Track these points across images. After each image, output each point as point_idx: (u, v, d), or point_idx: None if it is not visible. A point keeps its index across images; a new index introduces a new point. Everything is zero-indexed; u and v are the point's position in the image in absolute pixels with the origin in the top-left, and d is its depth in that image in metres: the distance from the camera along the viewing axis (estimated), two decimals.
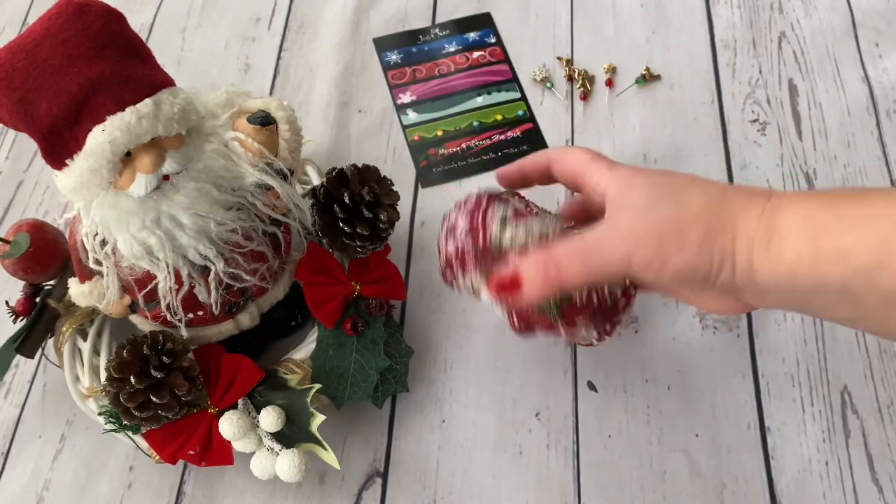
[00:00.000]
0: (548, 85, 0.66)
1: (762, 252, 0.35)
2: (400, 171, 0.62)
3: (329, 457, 0.44)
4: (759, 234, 0.35)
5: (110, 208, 0.40)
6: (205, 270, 0.43)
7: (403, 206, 0.58)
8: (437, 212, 0.60)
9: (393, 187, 0.49)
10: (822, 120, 0.63)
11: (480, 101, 0.66)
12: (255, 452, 0.45)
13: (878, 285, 0.33)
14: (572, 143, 0.63)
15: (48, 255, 0.49)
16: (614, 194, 0.38)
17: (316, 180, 0.56)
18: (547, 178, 0.44)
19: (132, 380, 0.42)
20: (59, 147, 0.38)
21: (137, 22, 0.72)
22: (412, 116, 0.65)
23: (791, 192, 0.36)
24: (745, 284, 0.36)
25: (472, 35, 0.70)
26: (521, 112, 0.65)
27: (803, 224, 0.34)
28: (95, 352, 0.49)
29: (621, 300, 0.43)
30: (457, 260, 0.42)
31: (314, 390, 0.45)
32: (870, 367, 0.52)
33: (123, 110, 0.37)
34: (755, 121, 0.63)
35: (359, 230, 0.47)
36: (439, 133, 0.64)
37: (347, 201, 0.47)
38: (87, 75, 0.37)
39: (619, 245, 0.36)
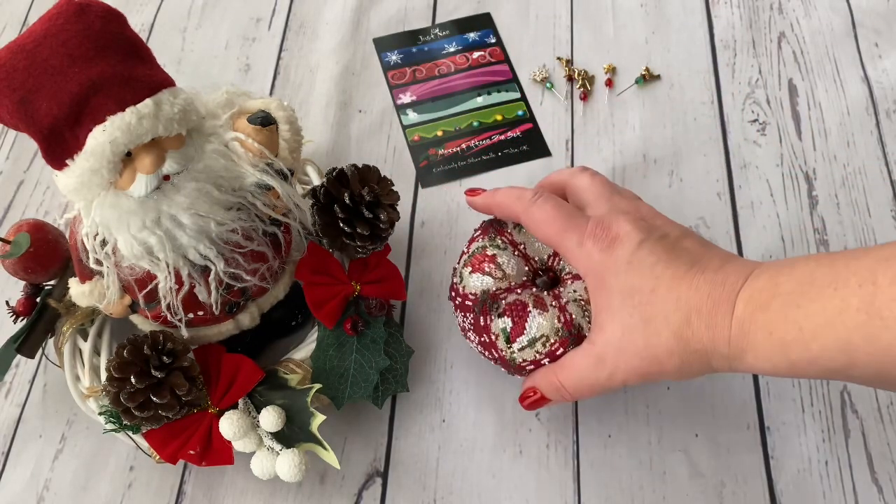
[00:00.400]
0: (548, 85, 0.66)
1: (739, 363, 0.39)
2: (400, 171, 0.62)
3: (329, 456, 0.45)
4: (732, 354, 0.38)
5: (110, 208, 0.40)
6: (205, 270, 0.43)
7: (403, 206, 0.58)
8: (437, 212, 0.60)
9: (393, 187, 0.49)
10: (822, 120, 0.63)
11: (480, 101, 0.66)
12: (255, 452, 0.45)
13: (856, 377, 0.36)
14: (571, 144, 0.63)
15: (48, 255, 0.49)
16: (591, 296, 0.43)
17: (316, 180, 0.56)
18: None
19: (132, 380, 0.42)
20: (59, 147, 0.38)
21: (137, 22, 0.72)
22: (412, 116, 0.65)
23: (751, 290, 0.38)
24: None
25: (472, 35, 0.70)
26: (520, 112, 0.65)
27: (770, 342, 0.37)
28: (96, 352, 0.49)
29: None
30: (486, 359, 0.49)
31: (314, 390, 0.46)
32: None
33: (124, 110, 0.37)
34: (755, 121, 0.63)
35: (359, 230, 0.47)
36: (439, 133, 0.64)
37: (347, 201, 0.47)
38: (88, 75, 0.37)
39: (610, 377, 0.42)
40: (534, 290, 0.48)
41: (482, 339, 0.48)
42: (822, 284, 0.35)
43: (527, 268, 0.49)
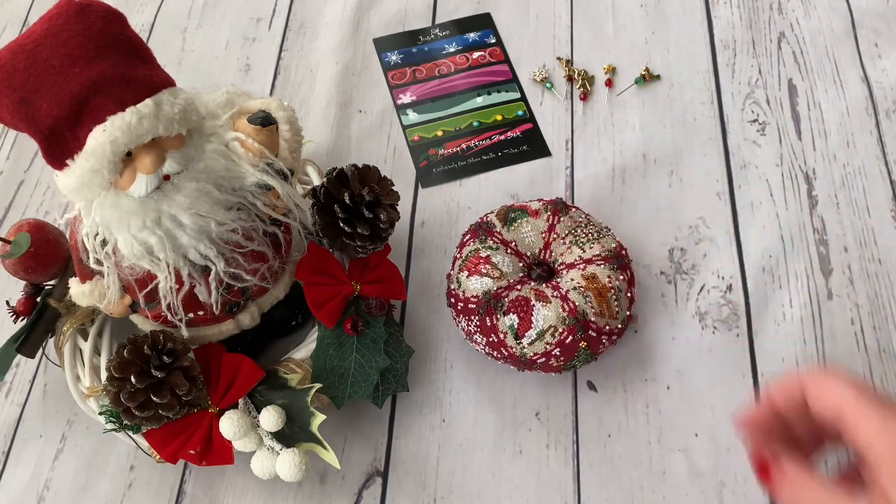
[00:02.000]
0: (547, 85, 0.66)
1: None
2: (400, 171, 0.62)
3: (329, 456, 0.45)
4: None
5: (111, 208, 0.40)
6: (205, 270, 0.43)
7: (403, 206, 0.58)
8: (437, 211, 0.60)
9: (393, 187, 0.49)
10: (822, 120, 0.63)
11: (480, 101, 0.66)
12: (255, 452, 0.45)
13: None
14: (571, 144, 0.63)
15: (49, 254, 0.49)
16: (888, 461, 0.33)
17: (316, 180, 0.56)
18: (801, 410, 0.36)
19: (133, 379, 0.42)
20: (59, 147, 0.38)
21: (138, 22, 0.72)
22: (412, 116, 0.65)
23: None
24: None
25: (472, 35, 0.70)
26: (520, 112, 0.65)
27: None
28: (96, 351, 0.49)
29: None
30: (494, 359, 0.50)
31: (314, 390, 0.46)
32: (869, 367, 0.52)
33: (124, 110, 0.37)
34: (755, 121, 0.63)
35: (359, 230, 0.47)
36: (439, 133, 0.64)
37: (348, 201, 0.47)
38: (88, 75, 0.37)
39: None
40: (532, 284, 0.48)
41: (490, 339, 0.48)
42: None
43: (521, 263, 0.49)
